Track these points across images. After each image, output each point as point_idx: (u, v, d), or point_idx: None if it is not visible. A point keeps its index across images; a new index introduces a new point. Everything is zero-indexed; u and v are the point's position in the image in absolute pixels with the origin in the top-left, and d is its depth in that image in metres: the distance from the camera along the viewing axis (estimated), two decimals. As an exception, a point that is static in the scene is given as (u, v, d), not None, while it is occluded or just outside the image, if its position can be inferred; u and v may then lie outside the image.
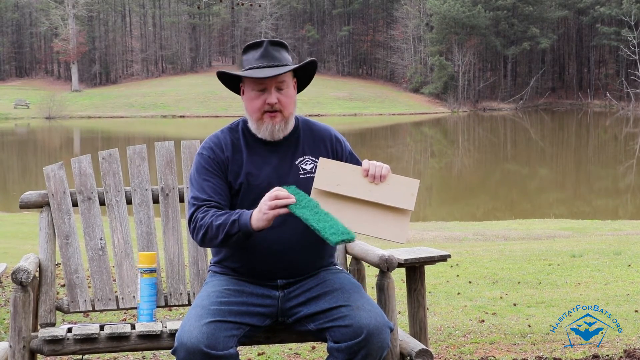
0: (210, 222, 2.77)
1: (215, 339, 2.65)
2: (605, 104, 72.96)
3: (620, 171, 27.52)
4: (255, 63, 2.88)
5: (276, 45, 2.92)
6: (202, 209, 2.83)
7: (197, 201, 2.86)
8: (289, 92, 2.90)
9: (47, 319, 3.32)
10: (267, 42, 2.91)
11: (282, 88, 2.88)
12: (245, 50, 2.94)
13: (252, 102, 2.89)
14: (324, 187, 2.74)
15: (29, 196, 3.46)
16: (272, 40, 2.93)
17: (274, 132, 2.90)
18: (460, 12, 71.93)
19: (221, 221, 2.75)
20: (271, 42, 2.92)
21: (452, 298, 5.94)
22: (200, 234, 2.81)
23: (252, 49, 2.92)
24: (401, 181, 2.77)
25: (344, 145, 3.04)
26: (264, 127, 2.89)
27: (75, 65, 77.19)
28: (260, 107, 2.88)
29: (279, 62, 2.88)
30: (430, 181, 24.55)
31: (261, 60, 2.88)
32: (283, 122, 2.90)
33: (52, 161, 8.65)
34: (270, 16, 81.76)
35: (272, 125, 2.89)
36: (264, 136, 2.91)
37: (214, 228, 2.76)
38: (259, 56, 2.88)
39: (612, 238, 10.57)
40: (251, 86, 2.89)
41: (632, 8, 68.71)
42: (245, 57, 2.93)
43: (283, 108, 2.89)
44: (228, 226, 2.74)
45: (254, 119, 2.92)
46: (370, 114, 66.26)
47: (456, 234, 12.18)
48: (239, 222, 2.72)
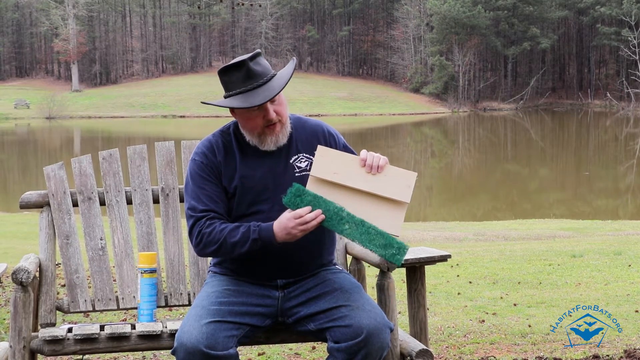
0: (223, 239, 2.77)
1: (215, 339, 2.65)
2: (606, 104, 72.94)
3: (620, 171, 27.52)
4: (242, 86, 2.80)
5: (255, 59, 2.83)
6: (203, 222, 2.82)
7: (194, 212, 2.85)
8: (281, 100, 2.87)
9: (47, 319, 3.32)
10: (247, 60, 2.80)
11: (275, 100, 2.85)
12: (225, 72, 2.83)
13: (251, 122, 2.84)
14: (320, 174, 2.72)
15: (29, 196, 3.46)
16: (250, 56, 2.83)
17: (278, 141, 2.89)
18: (461, 12, 71.92)
19: (237, 239, 2.75)
20: (250, 59, 2.82)
21: (453, 298, 5.94)
22: (210, 249, 2.81)
23: (234, 71, 2.81)
24: (398, 173, 2.76)
25: (338, 139, 3.02)
26: (268, 140, 2.86)
27: (76, 65, 77.20)
28: (261, 125, 2.85)
29: (265, 78, 2.81)
30: (430, 181, 24.54)
31: (249, 82, 2.80)
32: (283, 128, 2.89)
33: (53, 161, 8.65)
34: (270, 16, 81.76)
35: (275, 136, 2.87)
36: (269, 148, 2.88)
37: (229, 245, 2.77)
38: (244, 77, 2.80)
39: (613, 238, 10.57)
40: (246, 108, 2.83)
41: (632, 8, 68.68)
42: (228, 79, 2.83)
43: (281, 117, 2.87)
44: (249, 245, 2.74)
45: (254, 135, 2.87)
46: (370, 114, 66.26)
47: (456, 234, 12.18)
48: (262, 240, 2.73)
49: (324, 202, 2.69)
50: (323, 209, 2.69)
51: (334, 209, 2.69)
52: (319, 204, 2.69)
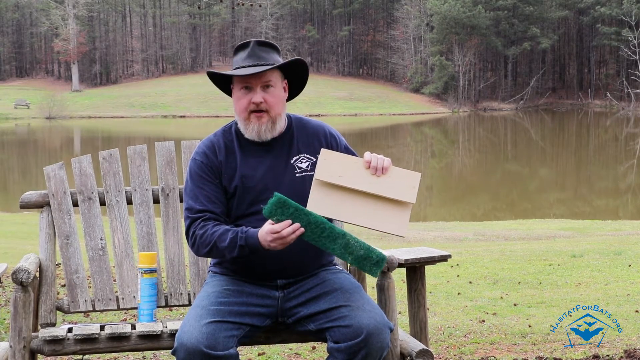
0: (213, 243, 2.78)
1: (215, 339, 2.65)
2: (606, 104, 72.95)
3: (620, 171, 27.52)
4: (241, 63, 2.88)
5: (264, 46, 2.90)
6: (198, 223, 2.83)
7: (191, 213, 2.86)
8: (275, 92, 2.88)
9: (47, 319, 3.32)
10: (254, 42, 2.90)
11: (268, 87, 2.86)
12: (235, 52, 2.94)
13: (239, 102, 2.89)
14: (325, 178, 2.72)
15: (30, 196, 3.46)
16: (260, 40, 2.91)
17: (260, 133, 2.88)
18: (461, 12, 71.94)
19: (226, 244, 2.76)
20: (258, 42, 2.90)
21: (453, 298, 5.93)
22: (204, 251, 2.83)
23: (241, 50, 2.92)
24: (402, 174, 2.76)
25: (339, 140, 3.02)
26: (250, 127, 2.87)
27: (76, 65, 77.21)
28: (246, 107, 2.86)
29: (265, 62, 2.86)
30: (430, 181, 24.55)
31: (247, 60, 2.87)
32: (270, 122, 2.88)
33: (53, 161, 8.65)
34: (270, 16, 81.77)
35: (258, 126, 2.87)
36: (250, 136, 2.89)
37: (220, 249, 2.79)
38: (246, 56, 2.88)
39: (613, 238, 10.57)
40: (238, 86, 2.89)
41: (632, 8, 68.71)
42: (235, 59, 2.93)
43: (269, 108, 2.86)
44: (237, 250, 2.75)
45: (241, 119, 2.90)
46: (370, 114, 66.26)
47: (456, 234, 12.19)
48: (248, 247, 2.73)
49: (305, 215, 2.66)
50: (304, 222, 2.65)
51: (315, 222, 2.66)
52: (300, 216, 2.65)
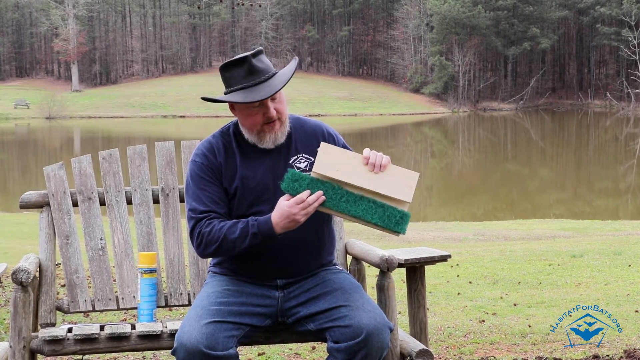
0: (223, 236, 2.77)
1: (214, 339, 2.65)
2: (606, 104, 72.95)
3: (620, 171, 27.52)
4: (244, 82, 2.81)
5: (257, 56, 2.84)
6: (203, 223, 2.82)
7: (195, 213, 2.85)
8: (281, 98, 2.88)
9: (47, 319, 3.32)
10: (249, 57, 2.81)
11: (275, 97, 2.85)
12: (227, 68, 2.83)
13: (251, 118, 2.85)
14: (323, 171, 2.72)
15: (29, 196, 3.46)
16: (252, 53, 2.84)
17: (277, 139, 2.89)
18: (461, 12, 71.95)
19: (237, 235, 2.75)
20: (252, 56, 2.83)
21: (453, 298, 5.94)
22: (211, 248, 2.81)
23: (236, 67, 2.82)
24: (401, 172, 2.76)
25: (337, 139, 3.02)
26: (267, 138, 2.86)
27: (76, 65, 77.22)
28: (261, 122, 2.85)
29: (267, 74, 2.82)
30: (430, 181, 24.55)
31: (250, 77, 2.80)
32: (282, 127, 2.89)
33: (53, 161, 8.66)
34: (270, 16, 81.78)
35: (274, 134, 2.87)
36: (267, 146, 2.88)
37: (230, 242, 2.77)
38: (246, 73, 2.81)
39: (613, 238, 10.57)
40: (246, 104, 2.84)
41: (632, 8, 68.71)
42: (229, 75, 2.83)
43: (281, 115, 2.87)
44: (249, 239, 2.74)
45: (254, 133, 2.87)
46: (370, 114, 66.27)
47: (456, 234, 12.19)
48: (261, 233, 2.72)
49: (322, 184, 2.70)
50: (322, 189, 2.69)
51: (332, 188, 2.70)
52: (317, 185, 2.70)
